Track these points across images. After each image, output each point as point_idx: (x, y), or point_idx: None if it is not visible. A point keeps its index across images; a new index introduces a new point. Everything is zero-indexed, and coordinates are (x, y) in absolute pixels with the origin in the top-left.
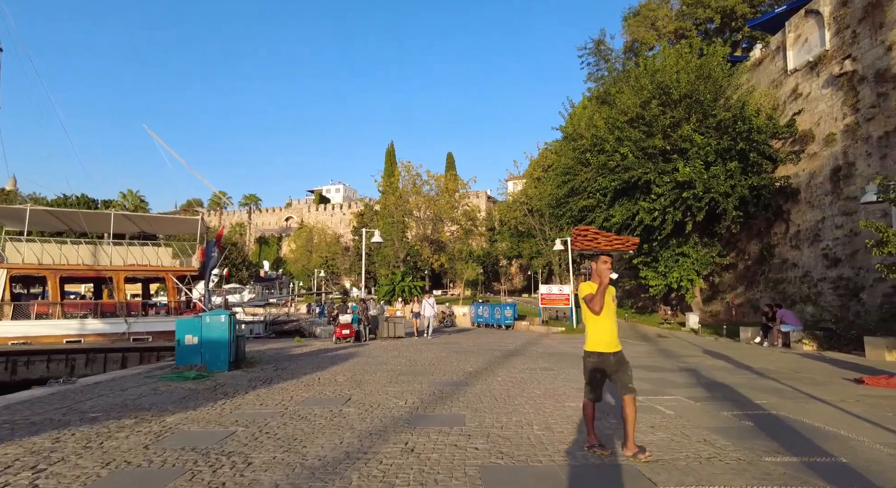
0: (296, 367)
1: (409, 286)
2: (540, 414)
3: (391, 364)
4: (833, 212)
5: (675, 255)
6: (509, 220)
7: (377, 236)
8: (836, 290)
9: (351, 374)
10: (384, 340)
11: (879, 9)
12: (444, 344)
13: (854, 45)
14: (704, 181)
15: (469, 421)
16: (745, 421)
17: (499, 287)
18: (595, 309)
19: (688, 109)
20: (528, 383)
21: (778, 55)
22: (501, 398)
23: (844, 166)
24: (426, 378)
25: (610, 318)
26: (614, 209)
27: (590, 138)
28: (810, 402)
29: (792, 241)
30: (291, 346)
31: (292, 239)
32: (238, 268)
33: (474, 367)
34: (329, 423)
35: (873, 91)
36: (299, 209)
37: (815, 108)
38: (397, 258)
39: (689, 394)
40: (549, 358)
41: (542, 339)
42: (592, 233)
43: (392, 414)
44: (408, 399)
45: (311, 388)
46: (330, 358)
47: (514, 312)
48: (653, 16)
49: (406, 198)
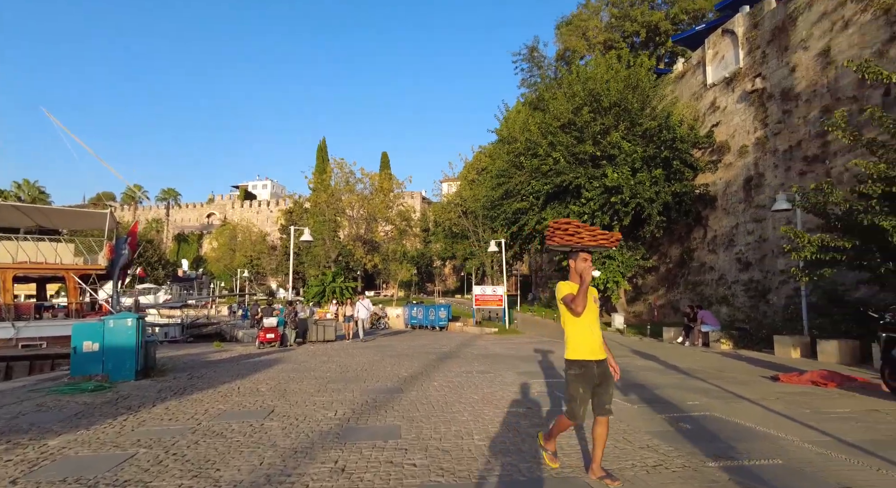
0: (213, 375)
1: (341, 287)
2: (479, 422)
3: (320, 370)
4: (745, 218)
5: (602, 258)
6: (444, 222)
7: (307, 234)
8: (747, 292)
9: (275, 383)
10: (313, 344)
11: (785, 33)
12: (377, 347)
13: (763, 64)
14: (631, 187)
15: (405, 433)
16: (683, 424)
17: (432, 288)
18: (578, 310)
19: (617, 117)
20: (466, 388)
21: (698, 70)
22: (439, 405)
23: (755, 176)
24: (358, 385)
25: (593, 322)
26: (546, 212)
27: (524, 142)
28: (737, 402)
29: (709, 246)
30: (210, 351)
31: (214, 236)
32: (154, 266)
33: (409, 372)
34: (248, 440)
35: (780, 108)
36: (223, 205)
37: (731, 121)
38: (328, 258)
39: (624, 396)
40: (484, 360)
41: (476, 340)
42: (574, 226)
43: (320, 427)
44: (338, 409)
45: (230, 399)
46: (252, 364)
47: (449, 313)
48: (584, 26)
49: (338, 196)
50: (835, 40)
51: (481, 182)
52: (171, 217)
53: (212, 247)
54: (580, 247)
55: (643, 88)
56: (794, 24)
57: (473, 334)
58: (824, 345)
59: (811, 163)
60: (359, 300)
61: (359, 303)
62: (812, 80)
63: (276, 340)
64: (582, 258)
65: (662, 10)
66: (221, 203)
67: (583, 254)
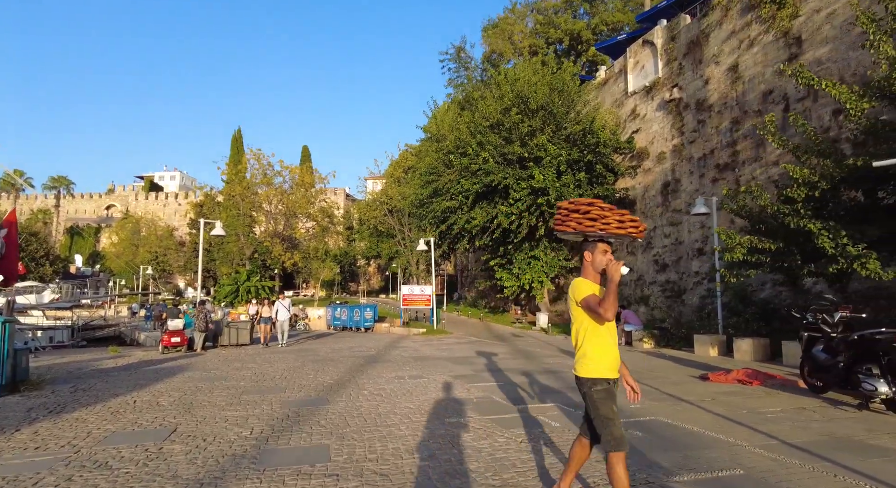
0: (104, 387)
1: (257, 286)
2: (418, 435)
3: (233, 379)
4: (663, 222)
5: (527, 258)
6: (369, 220)
7: (219, 228)
8: (664, 292)
9: (179, 395)
10: (225, 349)
11: (699, 46)
12: (297, 351)
13: (680, 75)
14: (557, 188)
15: (335, 454)
16: (634, 431)
17: (356, 287)
18: (608, 316)
19: (544, 120)
20: (399, 396)
21: (620, 77)
22: (371, 418)
23: (672, 182)
24: (277, 396)
25: (613, 333)
26: (475, 211)
27: (453, 140)
28: (678, 404)
29: (629, 248)
30: (104, 358)
31: (114, 230)
32: (39, 262)
33: (335, 379)
34: (141, 472)
35: (695, 117)
36: (124, 197)
37: (650, 129)
38: (242, 255)
39: (565, 401)
40: (415, 363)
41: (404, 342)
42: (598, 209)
43: (233, 449)
44: (254, 426)
45: (122, 417)
46: (153, 372)
47: (375, 314)
48: (510, 30)
49: (255, 189)
50: (742, 57)
51: (408, 180)
52: (63, 208)
53: (111, 242)
54: (601, 236)
55: (568, 93)
56: (707, 39)
57: (401, 335)
58: (739, 343)
59: (723, 171)
60: (278, 300)
61: (278, 303)
62: (723, 92)
63: (183, 344)
64: (601, 250)
65: (585, 20)
66: (123, 194)
67: (601, 244)
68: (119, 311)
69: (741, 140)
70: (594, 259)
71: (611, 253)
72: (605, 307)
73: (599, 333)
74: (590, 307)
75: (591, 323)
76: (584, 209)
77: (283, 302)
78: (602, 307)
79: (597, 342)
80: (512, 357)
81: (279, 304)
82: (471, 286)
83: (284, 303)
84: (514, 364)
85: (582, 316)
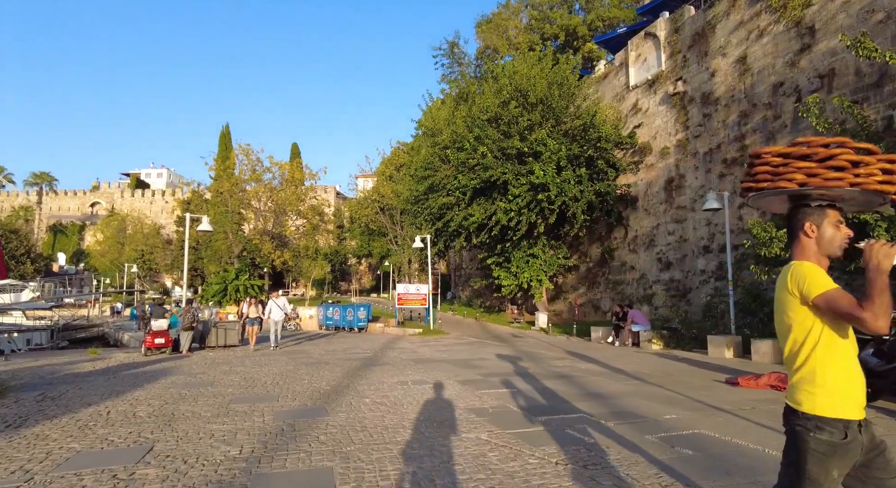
0: (76, 394)
1: (245, 285)
2: (436, 455)
3: (220, 385)
4: (666, 219)
5: (525, 256)
6: (360, 218)
7: (205, 224)
8: (668, 291)
9: (159, 404)
10: (213, 351)
11: (705, 38)
12: (289, 353)
13: (685, 68)
14: (557, 184)
15: (341, 481)
16: (681, 448)
17: (347, 287)
18: (880, 323)
19: (543, 114)
20: (406, 405)
21: (621, 71)
22: (377, 432)
23: (676, 178)
24: (269, 405)
25: (856, 349)
26: (473, 208)
27: (449, 135)
28: (717, 414)
29: (630, 246)
30: (81, 360)
31: (99, 228)
32: (20, 260)
33: (332, 384)
34: None
35: (700, 111)
36: (110, 194)
37: (653, 123)
38: (231, 253)
39: (590, 409)
40: (416, 366)
41: (400, 342)
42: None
43: (218, 474)
44: (243, 444)
45: (91, 432)
46: (133, 377)
47: (369, 313)
48: (504, 25)
49: (243, 186)
50: (751, 49)
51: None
52: (46, 205)
53: (96, 240)
54: (838, 197)
55: (568, 87)
56: (714, 31)
57: (396, 335)
58: (758, 344)
59: (730, 166)
60: (271, 299)
61: (271, 302)
62: (730, 85)
63: (168, 346)
64: (832, 220)
65: (580, 16)
66: (109, 191)
67: (832, 212)
68: (104, 311)
69: (750, 134)
70: (822, 234)
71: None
72: (875, 310)
73: (840, 349)
74: (838, 308)
75: (828, 332)
76: (822, 153)
77: (276, 301)
78: (869, 310)
79: (836, 362)
80: (517, 359)
81: (272, 303)
82: (465, 285)
83: (279, 302)
84: (521, 367)
85: (810, 320)
